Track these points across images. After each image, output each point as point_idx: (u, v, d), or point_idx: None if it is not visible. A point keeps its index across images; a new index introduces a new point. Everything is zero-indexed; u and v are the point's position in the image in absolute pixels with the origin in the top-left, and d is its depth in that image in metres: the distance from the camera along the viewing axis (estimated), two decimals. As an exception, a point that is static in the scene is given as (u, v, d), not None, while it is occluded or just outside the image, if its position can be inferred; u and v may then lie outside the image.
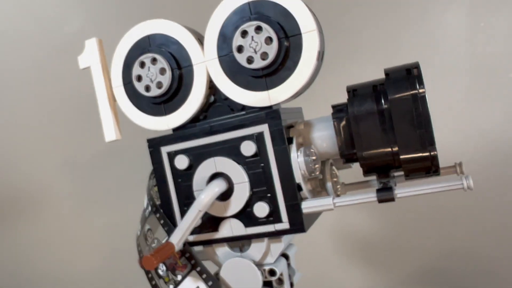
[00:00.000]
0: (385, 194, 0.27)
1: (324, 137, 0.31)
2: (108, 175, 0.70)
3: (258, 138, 0.30)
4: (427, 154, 0.26)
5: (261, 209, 0.30)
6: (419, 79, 0.26)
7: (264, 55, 0.30)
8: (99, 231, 0.72)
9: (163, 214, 0.33)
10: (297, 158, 0.29)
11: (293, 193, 0.29)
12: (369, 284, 0.63)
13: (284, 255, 0.34)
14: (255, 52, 0.30)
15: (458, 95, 0.58)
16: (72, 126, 0.69)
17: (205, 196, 0.30)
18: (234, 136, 0.31)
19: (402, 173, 0.31)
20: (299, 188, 0.29)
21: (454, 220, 0.60)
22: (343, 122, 0.29)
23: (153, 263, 0.28)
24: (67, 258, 0.74)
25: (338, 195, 0.33)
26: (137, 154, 0.33)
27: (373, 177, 0.35)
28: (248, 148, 0.30)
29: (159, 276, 0.33)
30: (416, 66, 0.27)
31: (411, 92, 0.26)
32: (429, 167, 0.27)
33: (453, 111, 0.58)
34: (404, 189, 0.27)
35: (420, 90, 0.26)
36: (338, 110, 0.29)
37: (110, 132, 0.35)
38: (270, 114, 0.30)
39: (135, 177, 0.36)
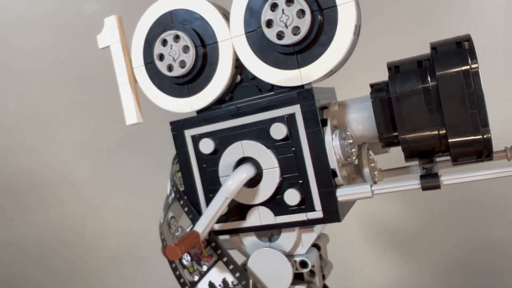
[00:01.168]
0: (430, 180, 0.25)
1: (361, 119, 0.28)
2: (131, 160, 0.69)
3: (289, 120, 0.28)
4: (479, 137, 0.23)
5: (292, 196, 0.28)
6: (471, 53, 0.23)
7: (295, 30, 0.27)
8: (121, 217, 0.72)
9: (187, 201, 0.31)
10: (331, 142, 0.27)
11: (327, 179, 0.27)
12: (398, 275, 0.61)
13: (316, 246, 0.32)
14: (286, 26, 0.27)
15: (495, 77, 0.55)
16: (94, 109, 0.68)
17: (232, 183, 0.28)
18: (263, 118, 0.28)
19: (445, 158, 0.29)
20: (334, 174, 0.27)
21: (488, 210, 0.57)
22: (384, 102, 0.26)
23: (177, 253, 0.26)
24: (88, 244, 0.74)
25: (375, 182, 0.30)
26: (161, 138, 0.31)
27: (413, 163, 0.32)
28: (278, 131, 0.28)
29: (184, 266, 0.31)
30: (468, 38, 0.24)
31: (462, 67, 0.23)
32: (480, 152, 0.24)
33: (490, 93, 0.54)
34: (452, 176, 0.25)
35: (473, 65, 0.23)
36: (378, 89, 0.27)
37: (131, 115, 0.34)
38: (302, 93, 0.27)
39: (159, 162, 0.34)
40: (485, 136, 0.23)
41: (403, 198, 0.39)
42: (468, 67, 0.23)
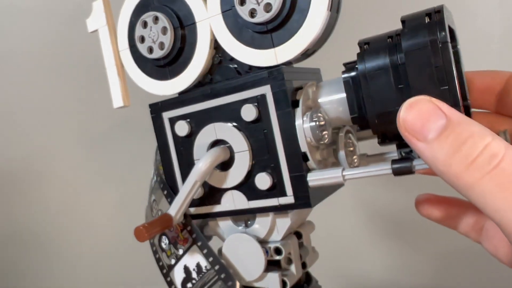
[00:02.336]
0: (402, 165, 0.23)
1: (335, 101, 0.27)
2: (121, 146, 0.67)
3: (260, 101, 0.27)
4: None
5: (262, 180, 0.27)
6: (440, 25, 0.21)
7: (267, 7, 0.26)
8: (112, 203, 0.71)
9: (166, 184, 0.31)
10: (302, 124, 0.25)
11: (298, 163, 0.26)
12: (394, 262, 0.59)
13: (297, 233, 0.31)
14: (258, 3, 0.26)
15: (489, 62, 0.51)
16: (85, 95, 0.67)
17: (201, 166, 0.27)
18: (235, 100, 0.28)
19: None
20: (305, 157, 0.26)
21: None
22: (355, 82, 0.25)
23: (144, 235, 0.26)
24: (78, 231, 0.73)
25: (354, 167, 0.29)
26: (151, 125, 0.31)
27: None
28: (248, 113, 0.27)
29: (162, 250, 0.31)
30: (439, 9, 0.22)
31: (429, 39, 0.21)
32: None
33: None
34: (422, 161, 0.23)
35: (441, 38, 0.21)
36: (350, 69, 0.25)
37: (117, 98, 0.34)
38: (272, 73, 0.26)
39: (150, 148, 0.34)
40: None
41: (401, 184, 0.37)
42: (436, 38, 0.21)
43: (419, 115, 0.19)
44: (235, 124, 0.28)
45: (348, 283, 0.60)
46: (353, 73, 0.25)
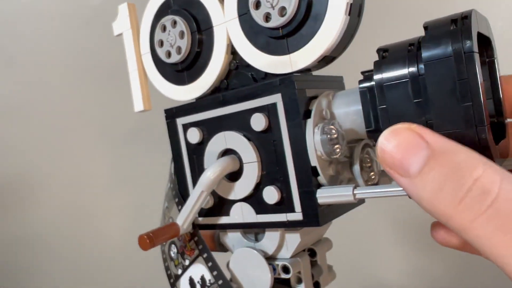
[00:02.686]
0: None
1: (352, 112, 0.25)
2: (138, 152, 0.67)
3: (270, 110, 0.25)
4: (472, 134, 0.19)
5: (270, 194, 0.25)
6: (466, 33, 0.19)
7: (282, 10, 0.25)
8: (126, 208, 0.70)
9: (178, 191, 0.30)
10: (312, 136, 0.24)
11: (307, 178, 0.24)
12: (409, 267, 0.56)
13: (311, 250, 0.29)
14: (272, 7, 0.25)
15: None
16: (103, 99, 0.67)
17: (208, 175, 0.26)
18: (246, 108, 0.26)
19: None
20: (315, 172, 0.24)
21: None
22: (372, 93, 0.23)
23: (146, 243, 0.26)
24: (90, 236, 0.73)
25: (371, 184, 0.26)
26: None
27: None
28: (258, 122, 0.25)
29: (171, 258, 0.31)
30: (467, 15, 0.19)
31: (452, 49, 0.19)
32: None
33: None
34: None
35: (466, 48, 0.19)
36: (367, 78, 0.23)
37: (138, 102, 0.34)
38: (284, 81, 0.25)
39: (167, 154, 0.33)
40: (480, 134, 0.19)
41: None
42: (460, 49, 0.19)
43: (398, 146, 0.17)
44: (245, 133, 0.26)
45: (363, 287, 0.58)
46: (370, 83, 0.23)
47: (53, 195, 0.74)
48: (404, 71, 0.21)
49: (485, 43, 0.23)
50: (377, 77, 0.22)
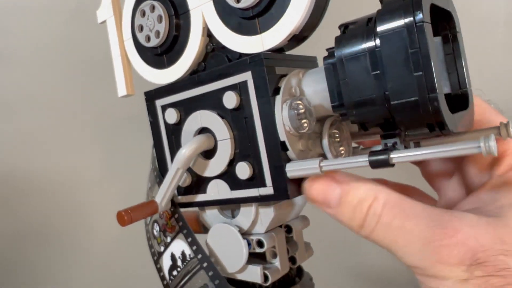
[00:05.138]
0: (379, 158, 0.22)
1: (320, 89, 0.25)
2: (127, 142, 0.67)
3: (242, 88, 0.26)
4: (425, 102, 0.19)
5: (242, 169, 0.26)
6: (416, 5, 0.19)
7: (251, -10, 0.25)
8: (117, 199, 0.70)
9: (159, 171, 0.31)
10: (281, 112, 0.24)
11: (276, 152, 0.25)
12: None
13: (287, 227, 0.30)
14: (242, -13, 0.26)
15: (495, 48, 0.46)
16: (89, 91, 0.67)
17: (183, 153, 0.27)
18: (219, 87, 0.27)
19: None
20: (285, 147, 0.25)
21: None
22: (334, 68, 0.23)
23: (124, 219, 0.26)
24: (83, 228, 0.73)
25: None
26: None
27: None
28: (230, 100, 0.26)
29: (154, 237, 0.31)
30: None
31: (404, 21, 0.20)
32: (430, 121, 0.20)
33: (489, 67, 0.46)
34: (403, 153, 0.21)
35: (417, 18, 0.19)
36: (331, 54, 0.24)
37: (122, 87, 0.35)
38: (253, 59, 0.26)
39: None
40: (432, 102, 0.19)
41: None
42: (411, 20, 0.19)
43: (318, 191, 0.24)
44: (218, 111, 0.27)
45: (351, 274, 0.58)
46: (333, 59, 0.23)
47: (45, 189, 0.75)
48: (362, 45, 0.21)
49: (447, 17, 0.24)
50: (337, 52, 0.22)
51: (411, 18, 0.19)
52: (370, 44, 0.21)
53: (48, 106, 0.72)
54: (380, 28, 0.20)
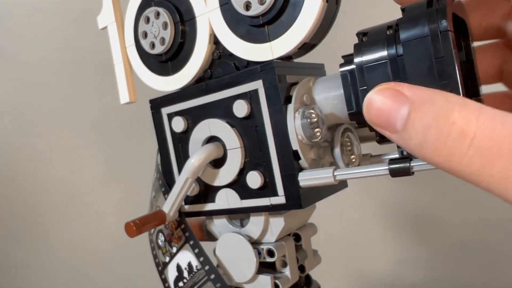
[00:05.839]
0: (400, 166, 0.21)
1: (331, 97, 0.25)
2: (129, 145, 0.67)
3: (252, 97, 0.26)
4: None
5: (253, 179, 0.26)
6: (441, 13, 0.19)
7: (262, -1, 0.25)
8: (118, 201, 0.70)
9: (164, 180, 0.31)
10: (293, 121, 0.24)
11: (289, 162, 0.25)
12: (402, 256, 0.56)
13: (296, 235, 0.30)
14: (252, -5, 0.25)
15: None
16: (96, 94, 0.67)
17: (193, 162, 0.27)
18: (228, 95, 0.27)
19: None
20: (297, 156, 0.25)
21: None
22: (353, 75, 0.23)
23: (132, 230, 0.26)
24: (84, 229, 0.73)
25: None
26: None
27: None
28: (240, 108, 0.26)
29: (159, 247, 0.31)
30: None
31: (428, 28, 0.19)
32: None
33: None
34: (423, 161, 0.21)
35: (442, 27, 0.19)
36: (348, 61, 0.24)
37: (124, 94, 0.34)
38: (264, 67, 0.25)
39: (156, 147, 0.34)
40: None
41: (407, 178, 0.35)
42: (436, 27, 0.19)
43: (381, 107, 0.18)
44: (228, 120, 0.27)
45: (355, 279, 0.58)
46: (350, 66, 0.23)
47: (47, 191, 0.74)
48: (383, 52, 0.21)
49: (462, 28, 0.24)
50: (357, 59, 0.22)
51: (436, 26, 0.19)
52: (391, 51, 0.21)
53: (50, 107, 0.72)
54: (403, 36, 0.20)
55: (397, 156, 0.23)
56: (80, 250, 0.74)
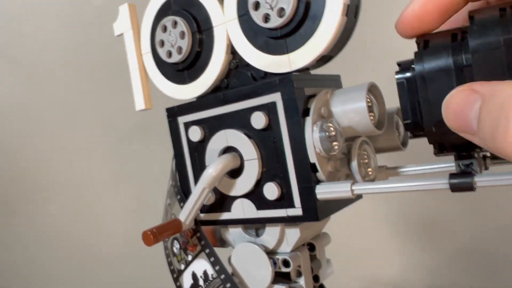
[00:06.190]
0: (462, 181, 0.21)
1: (350, 110, 0.25)
2: (144, 148, 0.67)
3: (270, 109, 0.26)
4: None
5: (270, 190, 0.26)
6: None
7: (281, 12, 0.25)
8: (128, 206, 0.70)
9: (180, 188, 0.31)
10: (311, 134, 0.24)
11: (306, 174, 0.25)
12: (409, 263, 0.57)
13: (310, 245, 0.30)
14: (271, 8, 0.26)
15: None
16: (107, 98, 0.68)
17: (210, 172, 0.27)
18: (246, 107, 0.27)
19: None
20: (314, 168, 0.25)
21: (505, 196, 0.49)
22: (411, 84, 0.22)
23: (150, 239, 0.26)
24: (93, 233, 0.73)
25: (368, 180, 0.27)
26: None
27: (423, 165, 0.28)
28: (258, 120, 0.26)
29: (174, 254, 0.31)
30: None
31: (503, 38, 0.18)
32: None
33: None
34: (487, 177, 0.20)
35: None
36: (404, 69, 0.23)
37: (140, 101, 0.34)
38: (283, 80, 0.25)
39: (169, 152, 0.34)
40: None
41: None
42: (510, 37, 0.18)
43: (456, 109, 0.17)
44: (245, 131, 0.27)
45: (365, 284, 0.58)
46: (408, 74, 0.22)
47: (57, 193, 0.75)
48: (448, 61, 0.20)
49: None
50: (418, 67, 0.21)
51: (510, 35, 0.18)
52: (457, 60, 0.20)
53: (62, 110, 0.73)
54: (473, 44, 0.19)
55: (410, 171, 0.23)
56: (88, 253, 0.74)
